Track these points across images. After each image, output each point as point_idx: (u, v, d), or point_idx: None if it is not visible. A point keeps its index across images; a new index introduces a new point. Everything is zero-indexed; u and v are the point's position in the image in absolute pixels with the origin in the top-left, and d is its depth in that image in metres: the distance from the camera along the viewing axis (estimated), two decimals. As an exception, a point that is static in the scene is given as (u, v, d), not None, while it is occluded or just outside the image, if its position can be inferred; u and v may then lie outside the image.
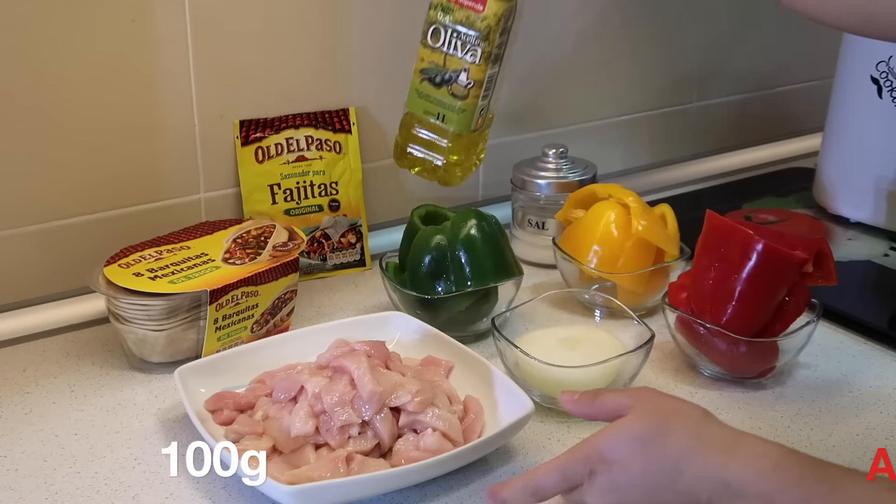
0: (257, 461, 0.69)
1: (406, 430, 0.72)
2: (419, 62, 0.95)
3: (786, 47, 1.43)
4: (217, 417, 0.76)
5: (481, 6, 0.90)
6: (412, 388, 0.72)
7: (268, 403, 0.75)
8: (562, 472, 0.61)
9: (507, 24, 0.92)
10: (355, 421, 0.70)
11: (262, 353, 0.82)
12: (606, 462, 0.60)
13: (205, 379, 0.79)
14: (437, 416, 0.71)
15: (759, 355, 0.83)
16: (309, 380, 0.73)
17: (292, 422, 0.71)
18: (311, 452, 0.70)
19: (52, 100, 0.90)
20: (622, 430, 0.60)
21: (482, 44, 0.91)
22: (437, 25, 0.92)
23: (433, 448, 0.69)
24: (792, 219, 1.15)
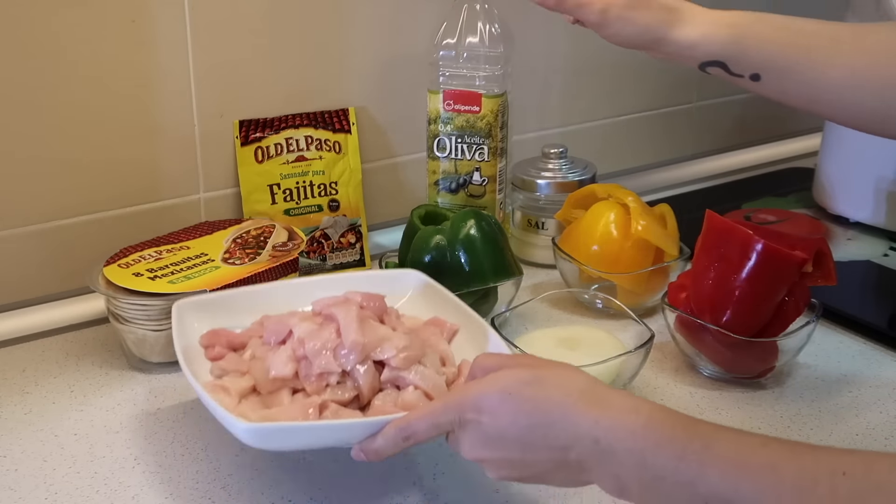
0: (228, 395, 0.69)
1: (388, 386, 0.70)
2: (431, 175, 1.02)
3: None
4: (209, 353, 0.75)
5: (477, 107, 0.97)
6: (399, 343, 0.69)
7: (258, 345, 0.74)
8: (433, 419, 0.61)
9: (503, 118, 1.00)
10: (334, 369, 0.68)
11: (268, 296, 0.81)
12: (477, 411, 0.59)
13: (206, 316, 0.78)
14: (421, 375, 0.69)
15: (758, 355, 0.83)
16: (298, 324, 0.71)
17: (273, 363, 0.70)
18: (286, 396, 0.69)
19: (52, 100, 0.90)
20: (494, 381, 0.59)
21: (487, 141, 0.99)
22: (441, 137, 1.00)
23: (411, 405, 0.67)
24: (792, 219, 1.15)
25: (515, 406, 0.58)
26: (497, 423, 0.58)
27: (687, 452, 0.53)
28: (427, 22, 1.03)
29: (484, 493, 0.70)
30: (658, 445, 0.54)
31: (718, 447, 0.53)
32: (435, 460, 0.73)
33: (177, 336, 0.74)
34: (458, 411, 0.59)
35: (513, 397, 0.58)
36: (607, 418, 0.55)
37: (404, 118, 1.10)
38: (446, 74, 0.99)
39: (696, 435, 0.54)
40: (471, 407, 0.59)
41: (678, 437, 0.54)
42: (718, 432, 0.54)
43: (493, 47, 0.98)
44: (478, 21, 0.98)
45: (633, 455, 0.54)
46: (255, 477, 0.71)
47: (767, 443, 0.53)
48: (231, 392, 0.70)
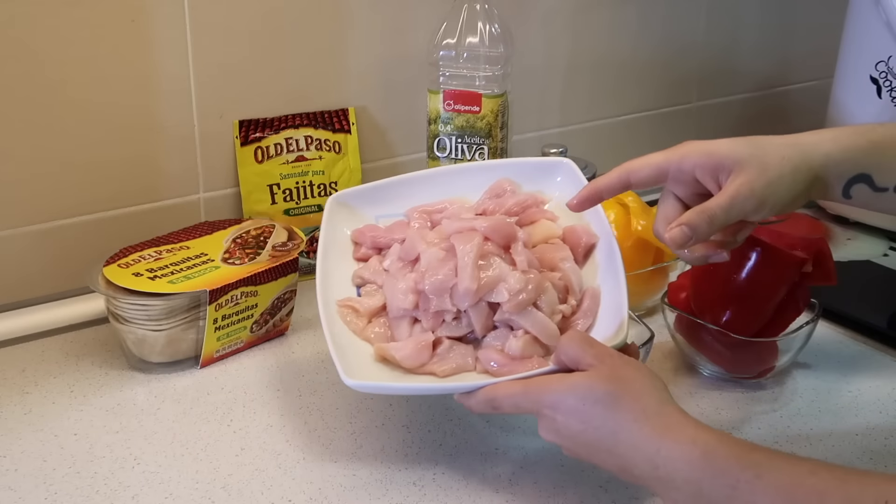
0: None
1: (501, 325, 0.73)
2: None
3: (786, 47, 1.43)
4: (355, 252, 0.80)
5: (477, 107, 0.97)
6: (514, 286, 0.71)
7: (395, 256, 0.77)
8: (515, 402, 0.66)
9: (503, 118, 1.00)
10: (449, 309, 0.72)
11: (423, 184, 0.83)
12: (552, 409, 0.63)
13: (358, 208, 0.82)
14: (532, 318, 0.71)
15: (758, 355, 0.83)
16: (425, 251, 0.74)
17: (394, 295, 0.74)
18: (407, 326, 0.74)
19: (52, 100, 0.90)
20: (573, 387, 0.63)
21: (487, 141, 0.99)
22: (441, 137, 0.99)
23: (516, 353, 0.70)
24: (792, 219, 1.15)
25: (587, 418, 0.62)
26: (569, 426, 0.63)
27: (740, 482, 0.56)
28: (427, 22, 1.03)
29: (484, 493, 0.70)
30: (714, 476, 0.58)
31: (769, 476, 0.56)
32: (435, 460, 0.73)
33: (323, 236, 0.78)
34: (537, 404, 0.64)
35: (586, 409, 0.62)
36: (667, 447, 0.59)
37: (404, 118, 1.10)
38: (446, 74, 0.99)
39: (749, 465, 0.57)
40: (548, 404, 0.64)
41: (732, 467, 0.57)
42: (771, 460, 0.57)
43: (493, 47, 0.98)
44: (478, 21, 0.98)
45: (691, 484, 0.58)
46: (254, 477, 0.71)
47: (816, 470, 0.56)
48: (361, 313, 0.75)
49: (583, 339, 0.66)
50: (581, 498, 0.69)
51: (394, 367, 0.72)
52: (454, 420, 0.78)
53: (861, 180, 0.71)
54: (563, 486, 0.71)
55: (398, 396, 0.80)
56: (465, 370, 0.72)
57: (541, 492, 0.70)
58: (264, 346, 0.90)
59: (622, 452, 0.61)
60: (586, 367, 0.64)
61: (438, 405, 0.80)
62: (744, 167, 0.68)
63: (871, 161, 0.70)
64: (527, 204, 0.80)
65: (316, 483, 0.71)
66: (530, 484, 0.71)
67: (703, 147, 0.71)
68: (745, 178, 0.68)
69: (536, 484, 0.71)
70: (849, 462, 0.74)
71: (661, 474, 0.59)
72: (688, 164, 0.71)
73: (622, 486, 0.70)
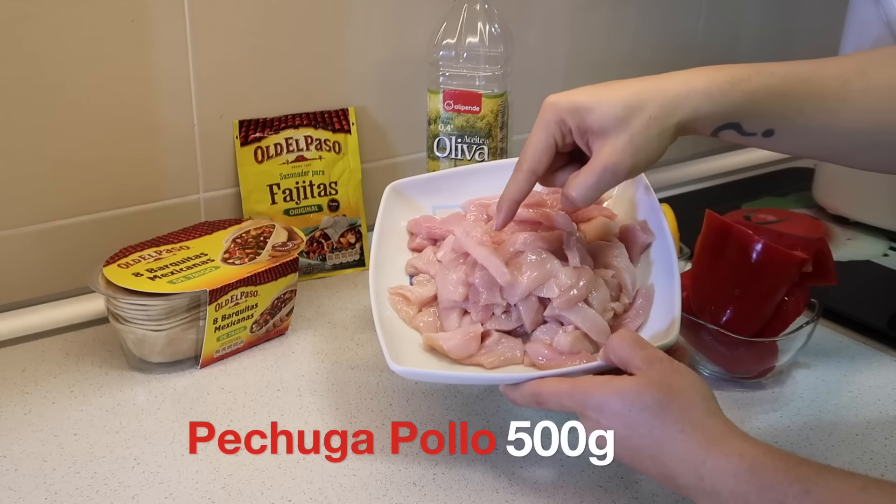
0: None
1: (551, 320, 0.72)
2: None
3: (786, 47, 1.43)
4: (410, 242, 0.81)
5: (477, 107, 0.97)
6: (564, 282, 0.71)
7: (449, 248, 0.77)
8: (560, 400, 0.65)
9: (503, 118, 1.00)
10: (499, 303, 0.72)
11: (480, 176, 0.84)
12: (597, 412, 0.63)
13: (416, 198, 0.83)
14: (582, 316, 0.71)
15: (758, 355, 0.83)
16: (475, 248, 0.74)
17: (445, 286, 0.74)
18: (456, 317, 0.74)
19: (51, 100, 0.90)
20: (620, 392, 0.62)
21: (486, 141, 0.99)
22: (441, 137, 0.99)
23: (564, 349, 0.70)
24: (791, 219, 1.15)
25: (633, 423, 0.61)
26: (614, 429, 0.62)
27: (788, 497, 0.56)
28: (427, 22, 1.03)
29: (484, 493, 0.70)
30: (761, 489, 0.57)
31: (818, 492, 0.55)
32: (435, 460, 0.73)
33: (379, 223, 0.79)
34: (582, 405, 0.64)
35: (632, 414, 0.61)
36: (714, 459, 0.59)
37: (404, 118, 1.10)
38: (446, 74, 0.99)
39: (798, 479, 0.56)
40: (593, 406, 0.63)
41: (780, 481, 0.56)
42: (821, 475, 0.56)
43: (493, 47, 0.98)
44: (478, 21, 0.98)
45: (737, 498, 0.57)
46: (254, 477, 0.71)
47: (866, 486, 0.55)
48: (412, 301, 0.76)
49: (634, 340, 0.65)
50: (581, 498, 0.69)
51: (441, 357, 0.73)
52: (454, 420, 0.78)
53: (730, 127, 0.71)
54: (563, 486, 0.71)
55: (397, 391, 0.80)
56: (512, 363, 0.72)
57: (541, 492, 0.70)
58: (264, 346, 0.90)
59: (666, 462, 0.60)
60: (635, 370, 0.63)
61: (438, 405, 0.80)
62: (609, 136, 0.69)
63: (741, 112, 0.70)
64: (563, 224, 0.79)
65: (316, 483, 0.71)
66: (530, 484, 0.71)
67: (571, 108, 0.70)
68: (611, 149, 0.69)
69: (536, 484, 0.71)
70: (849, 462, 0.74)
71: (707, 486, 0.59)
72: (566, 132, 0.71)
73: (622, 486, 0.70)
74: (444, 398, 0.80)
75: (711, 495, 0.58)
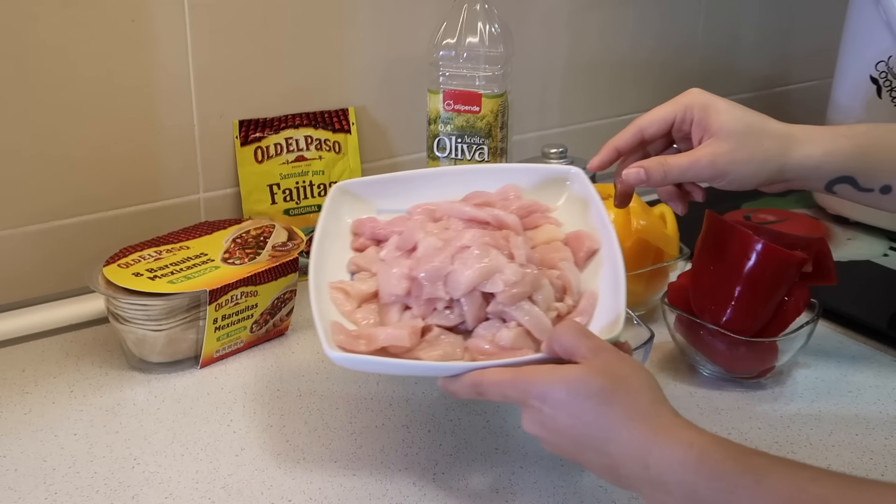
0: None
1: (494, 317, 0.71)
2: None
3: (786, 47, 1.43)
4: (353, 242, 0.79)
5: (477, 107, 0.97)
6: (510, 277, 0.70)
7: (393, 246, 0.76)
8: (502, 390, 0.63)
9: (503, 118, 1.00)
10: (442, 297, 0.71)
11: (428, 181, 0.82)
12: (541, 401, 0.61)
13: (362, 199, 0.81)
14: (526, 313, 0.70)
15: (758, 355, 0.83)
16: (423, 239, 0.73)
17: (388, 280, 0.72)
18: (396, 312, 0.72)
19: (51, 100, 0.90)
20: (566, 380, 0.60)
21: (487, 141, 0.98)
22: (441, 137, 0.99)
23: (506, 345, 0.68)
24: (791, 219, 1.15)
25: (578, 411, 0.60)
26: (557, 418, 0.60)
27: (738, 487, 0.54)
28: (427, 22, 1.03)
29: (484, 493, 0.70)
30: (710, 479, 0.55)
31: (768, 482, 0.54)
32: (435, 460, 0.73)
33: (322, 221, 0.77)
34: (525, 394, 0.62)
35: (577, 403, 0.59)
36: (661, 448, 0.57)
37: (404, 118, 1.10)
38: (446, 74, 0.99)
39: (749, 469, 0.55)
40: (536, 395, 0.61)
41: (730, 470, 0.55)
42: (772, 466, 0.55)
43: (493, 47, 0.98)
44: (478, 21, 0.98)
45: (684, 487, 0.56)
46: (254, 477, 0.71)
47: (818, 477, 0.54)
48: (351, 296, 0.74)
49: (578, 330, 0.64)
50: (581, 498, 0.69)
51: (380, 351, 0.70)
52: (454, 420, 0.78)
53: (844, 181, 0.73)
54: (562, 486, 0.71)
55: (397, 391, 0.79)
56: (452, 358, 0.70)
57: (541, 492, 0.70)
58: (264, 346, 0.90)
59: (611, 451, 0.59)
60: (580, 359, 0.62)
61: (439, 404, 0.80)
62: (722, 139, 0.74)
63: (855, 165, 0.72)
64: (531, 209, 0.79)
65: (316, 483, 0.71)
66: (530, 484, 0.71)
67: (705, 103, 0.76)
68: (714, 149, 0.74)
69: (536, 484, 0.71)
70: (849, 462, 0.74)
71: (653, 475, 0.57)
72: (688, 118, 0.76)
73: (622, 486, 0.70)
74: (443, 398, 0.81)
75: (657, 485, 0.57)
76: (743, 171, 0.74)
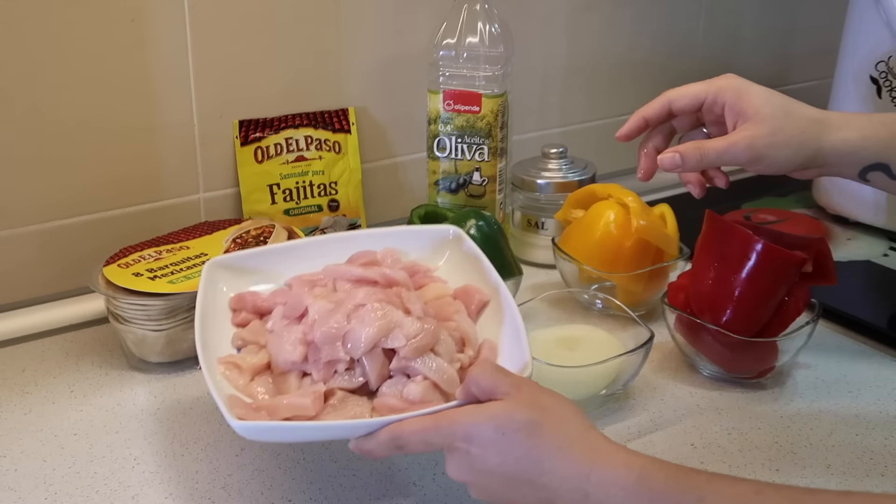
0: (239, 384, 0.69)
1: (397, 373, 0.69)
2: (431, 175, 1.02)
3: (786, 47, 1.43)
4: (234, 318, 0.75)
5: (477, 107, 0.98)
6: (410, 331, 0.68)
7: (279, 316, 0.73)
8: (424, 437, 0.60)
9: (503, 118, 1.00)
10: (341, 357, 0.68)
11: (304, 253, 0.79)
12: (467, 442, 0.58)
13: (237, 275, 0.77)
14: (430, 364, 0.67)
15: (758, 355, 0.83)
16: (313, 304, 0.71)
17: (282, 346, 0.69)
18: (295, 380, 0.69)
19: (51, 100, 0.90)
20: (492, 416, 0.58)
21: (486, 141, 0.99)
22: (441, 137, 1.00)
23: (415, 399, 0.66)
24: (792, 219, 1.15)
25: (507, 447, 0.57)
26: (486, 458, 0.58)
27: None
28: (427, 22, 1.03)
29: (484, 493, 0.70)
30: (651, 500, 0.54)
31: (712, 498, 0.53)
32: (435, 460, 0.73)
33: (201, 298, 0.73)
34: (449, 437, 0.59)
35: (505, 438, 0.57)
36: (599, 472, 0.56)
37: (404, 118, 1.10)
38: (446, 74, 0.99)
39: (690, 487, 0.54)
40: (461, 436, 0.59)
41: (671, 489, 0.54)
42: (712, 482, 0.54)
43: (493, 47, 0.98)
44: (478, 21, 0.98)
45: None
46: (255, 477, 0.71)
47: (761, 490, 0.53)
48: (244, 369, 0.70)
49: (496, 368, 0.62)
50: (581, 498, 0.69)
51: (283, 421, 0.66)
52: (454, 420, 0.78)
53: (879, 168, 0.73)
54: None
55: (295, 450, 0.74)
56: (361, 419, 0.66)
57: (541, 492, 0.70)
58: (264, 346, 0.90)
59: (546, 483, 0.56)
60: (502, 395, 0.59)
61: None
62: (758, 122, 0.73)
63: (891, 152, 0.71)
64: (415, 269, 0.78)
65: (316, 483, 0.71)
66: None
67: (738, 87, 0.76)
68: (752, 133, 0.73)
69: None
70: (849, 462, 0.74)
71: (592, 501, 0.55)
72: (720, 101, 0.76)
73: (622, 486, 0.70)
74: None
75: None
76: (780, 155, 0.73)
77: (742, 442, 0.76)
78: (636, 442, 0.76)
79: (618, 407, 0.81)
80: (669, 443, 0.76)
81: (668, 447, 0.75)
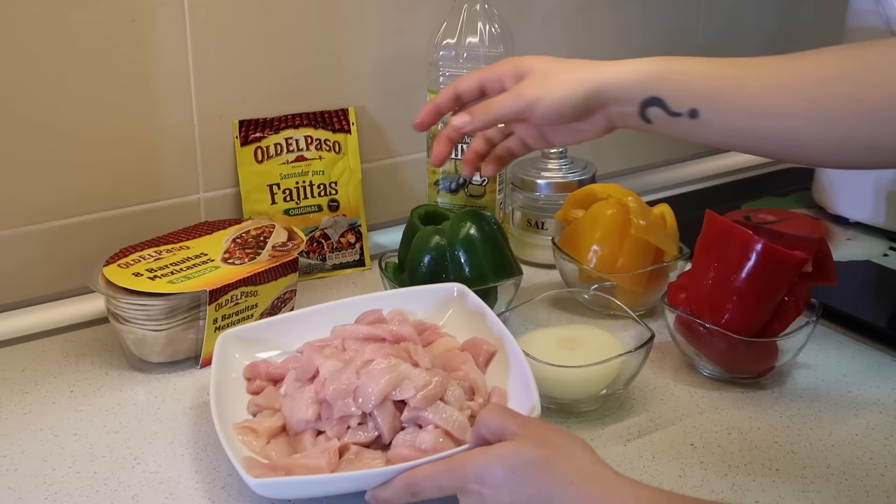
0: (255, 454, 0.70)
1: (409, 424, 0.70)
2: (431, 175, 1.02)
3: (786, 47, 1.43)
4: (248, 387, 0.77)
5: None
6: (419, 381, 0.70)
7: (292, 379, 0.75)
8: (437, 482, 0.62)
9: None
10: (353, 413, 0.70)
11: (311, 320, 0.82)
12: (479, 483, 0.60)
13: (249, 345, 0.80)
14: (441, 413, 0.69)
15: (758, 355, 0.83)
16: (324, 363, 0.73)
17: (296, 407, 0.72)
18: (309, 438, 0.71)
19: (51, 100, 0.90)
20: (502, 456, 0.60)
21: None
22: None
23: (428, 447, 0.67)
24: (791, 219, 1.15)
25: (518, 486, 0.58)
26: (498, 498, 0.59)
27: None
28: (427, 22, 1.03)
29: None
30: None
31: None
32: None
33: (215, 368, 0.75)
34: (462, 480, 0.61)
35: (516, 476, 0.59)
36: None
37: (404, 118, 1.10)
38: (446, 74, 0.99)
39: None
40: (474, 478, 0.60)
41: None
42: None
43: (493, 47, 0.97)
44: (478, 21, 0.98)
45: None
46: (254, 477, 0.71)
47: None
48: (260, 433, 0.72)
49: (504, 410, 0.64)
50: None
51: None
52: (454, 420, 0.78)
53: (654, 103, 0.71)
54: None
55: None
56: None
57: (541, 492, 0.70)
58: (264, 346, 0.90)
59: None
60: (511, 436, 0.61)
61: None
62: (529, 75, 0.76)
63: (661, 85, 0.71)
64: (423, 327, 0.80)
65: (316, 483, 0.71)
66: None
67: (516, 59, 0.78)
68: (528, 80, 0.75)
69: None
70: (849, 462, 0.74)
71: None
72: (498, 72, 0.78)
73: (622, 486, 0.70)
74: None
75: None
76: (557, 92, 0.74)
77: (742, 442, 0.76)
78: (636, 442, 0.76)
79: (618, 407, 0.81)
80: (669, 443, 0.76)
81: (668, 447, 0.75)
